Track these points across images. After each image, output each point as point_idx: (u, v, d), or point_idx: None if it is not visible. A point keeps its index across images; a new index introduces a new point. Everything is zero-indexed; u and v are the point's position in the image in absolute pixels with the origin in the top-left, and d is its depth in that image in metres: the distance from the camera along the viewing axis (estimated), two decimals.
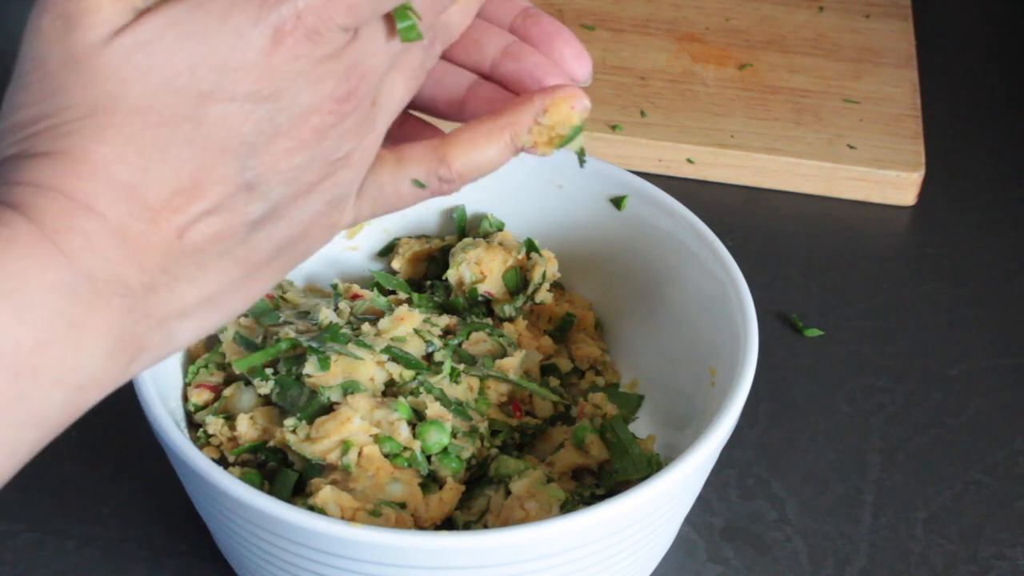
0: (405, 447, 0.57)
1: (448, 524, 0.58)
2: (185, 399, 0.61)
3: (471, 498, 0.58)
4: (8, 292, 0.38)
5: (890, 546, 0.65)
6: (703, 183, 0.85)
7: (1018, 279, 0.80)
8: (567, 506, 0.57)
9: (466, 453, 0.58)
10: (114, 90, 0.39)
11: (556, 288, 0.69)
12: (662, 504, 0.54)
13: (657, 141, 0.84)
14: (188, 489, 0.57)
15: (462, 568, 0.51)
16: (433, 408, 0.58)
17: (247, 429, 0.59)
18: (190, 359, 0.62)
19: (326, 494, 0.55)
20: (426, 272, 0.69)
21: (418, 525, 0.56)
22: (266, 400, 0.60)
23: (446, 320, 0.64)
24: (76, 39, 0.39)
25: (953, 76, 0.95)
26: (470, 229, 0.69)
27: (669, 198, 0.65)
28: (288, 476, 0.58)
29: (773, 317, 0.76)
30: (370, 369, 0.59)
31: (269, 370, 0.60)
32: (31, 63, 0.40)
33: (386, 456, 0.57)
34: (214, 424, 0.59)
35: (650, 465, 0.59)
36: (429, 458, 0.58)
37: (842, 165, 0.84)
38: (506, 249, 0.67)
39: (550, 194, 0.68)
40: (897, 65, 0.92)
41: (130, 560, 0.62)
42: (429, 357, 0.61)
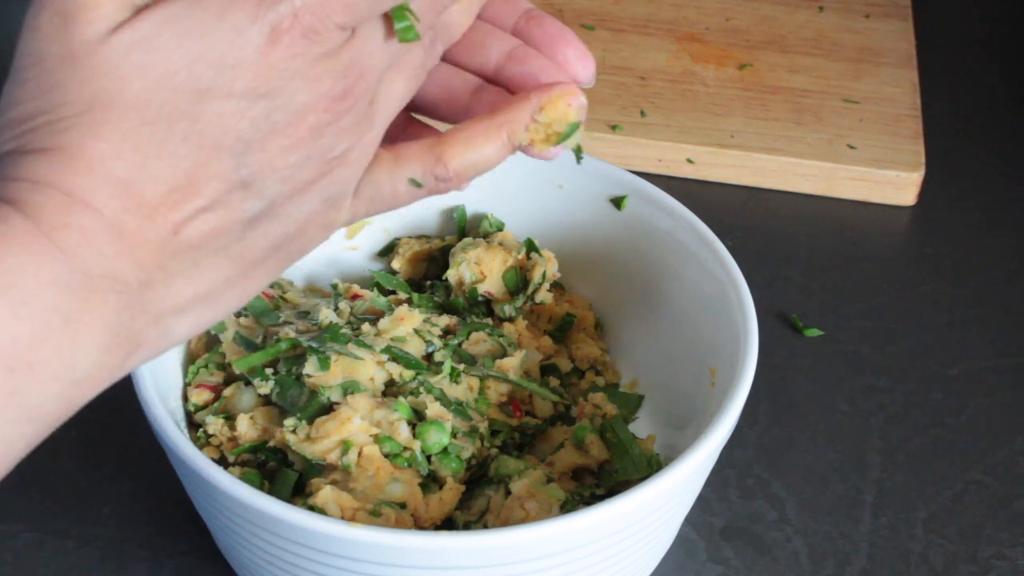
0: (405, 447, 0.57)
1: (448, 524, 0.58)
2: (185, 399, 0.61)
3: (471, 498, 0.58)
4: (5, 288, 0.38)
5: (890, 546, 0.65)
6: (703, 183, 0.85)
7: (1018, 279, 0.80)
8: (567, 506, 0.57)
9: (466, 453, 0.58)
10: (111, 86, 0.39)
11: (556, 288, 0.69)
12: (662, 504, 0.54)
13: (657, 141, 0.84)
14: (188, 489, 0.57)
15: (462, 568, 0.51)
16: (433, 408, 0.58)
17: (247, 429, 0.59)
18: (190, 359, 0.62)
19: (326, 494, 0.55)
20: (426, 272, 0.69)
21: (418, 525, 0.56)
22: (266, 400, 0.60)
23: (446, 320, 0.64)
24: (74, 35, 0.39)
25: (953, 76, 0.95)
26: (470, 229, 0.69)
27: (669, 198, 0.65)
28: (288, 476, 0.58)
29: (773, 317, 0.76)
30: (370, 369, 0.59)
31: (269, 370, 0.60)
32: (28, 59, 0.40)
33: (386, 456, 0.57)
34: (214, 424, 0.59)
35: (650, 465, 0.59)
36: (429, 458, 0.58)
37: (842, 165, 0.84)
38: (506, 249, 0.67)
39: (550, 194, 0.68)
40: (897, 65, 0.92)
41: (130, 560, 0.62)
42: (429, 357, 0.61)
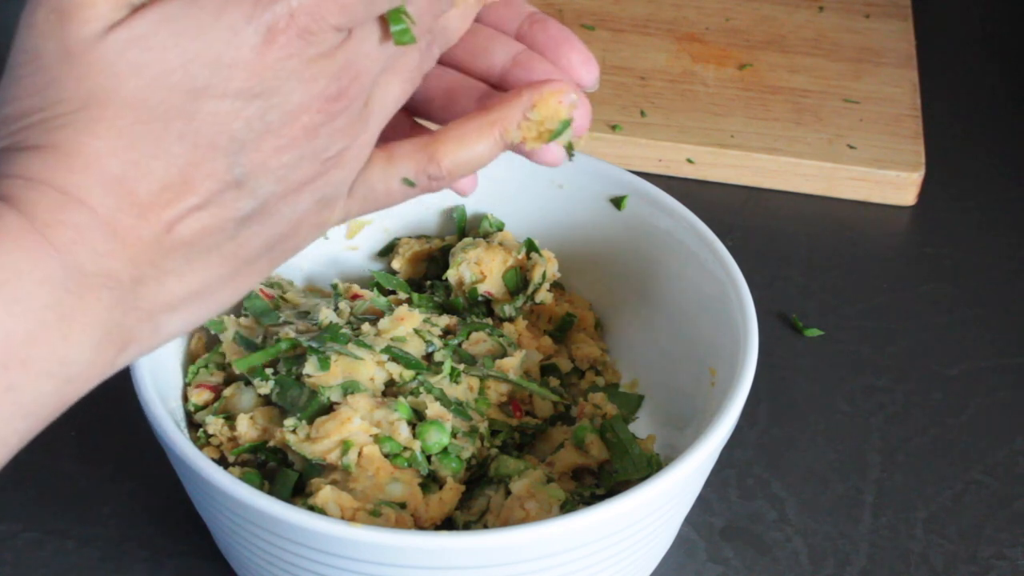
0: (405, 447, 0.57)
1: (448, 524, 0.58)
2: (185, 399, 0.61)
3: (471, 498, 0.58)
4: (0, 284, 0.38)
5: (890, 546, 0.65)
6: (703, 183, 0.85)
7: (1018, 279, 0.80)
8: (567, 506, 0.57)
9: (466, 453, 0.58)
10: (107, 84, 0.39)
11: (556, 288, 0.69)
12: (662, 504, 0.54)
13: (657, 141, 0.84)
14: (188, 489, 0.57)
15: (462, 568, 0.51)
16: (433, 408, 0.58)
17: (247, 429, 0.59)
18: (190, 359, 0.62)
19: (326, 494, 0.55)
20: (426, 272, 0.69)
21: (418, 525, 0.56)
22: (266, 400, 0.60)
23: (446, 320, 0.64)
24: (70, 33, 0.39)
25: (953, 76, 0.95)
26: (470, 229, 0.69)
27: (669, 198, 0.65)
28: (288, 476, 0.58)
29: (773, 317, 0.76)
30: (370, 369, 0.59)
31: (269, 370, 0.60)
32: (24, 56, 0.40)
33: (386, 456, 0.57)
34: (214, 424, 0.59)
35: (650, 465, 0.59)
36: (429, 458, 0.58)
37: (842, 165, 0.84)
38: (506, 249, 0.67)
39: (550, 194, 0.68)
40: (897, 65, 0.92)
41: (130, 560, 0.62)
42: (429, 357, 0.61)
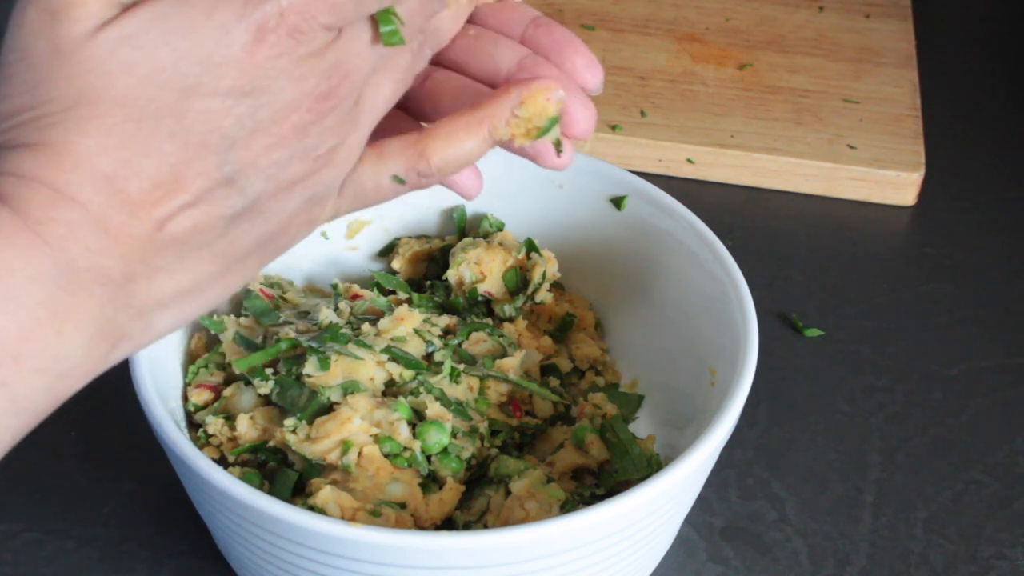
0: (405, 447, 0.57)
1: (448, 524, 0.58)
2: (185, 399, 0.61)
3: (471, 498, 0.58)
4: None
5: (890, 546, 0.65)
6: (703, 183, 0.85)
7: (1018, 279, 0.80)
8: (567, 506, 0.57)
9: (466, 453, 0.58)
10: (98, 83, 0.39)
11: (556, 288, 0.69)
12: (662, 504, 0.54)
13: (657, 141, 0.84)
14: (188, 489, 0.57)
15: (462, 568, 0.51)
16: (433, 408, 0.58)
17: (247, 429, 0.59)
18: (190, 359, 0.62)
19: (326, 494, 0.55)
20: (426, 272, 0.69)
21: (418, 525, 0.56)
22: (266, 400, 0.60)
23: (446, 320, 0.64)
24: (61, 32, 0.40)
25: (953, 76, 0.95)
26: (470, 229, 0.69)
27: (669, 198, 0.65)
28: (288, 476, 0.58)
29: (773, 317, 0.76)
30: (370, 369, 0.59)
31: (269, 370, 0.60)
32: (15, 54, 0.40)
33: (386, 456, 0.57)
34: (214, 424, 0.59)
35: (650, 465, 0.59)
36: (429, 458, 0.58)
37: (842, 165, 0.84)
38: (506, 249, 0.67)
39: (550, 194, 0.68)
40: (897, 65, 0.92)
41: (130, 560, 0.62)
42: (429, 357, 0.61)
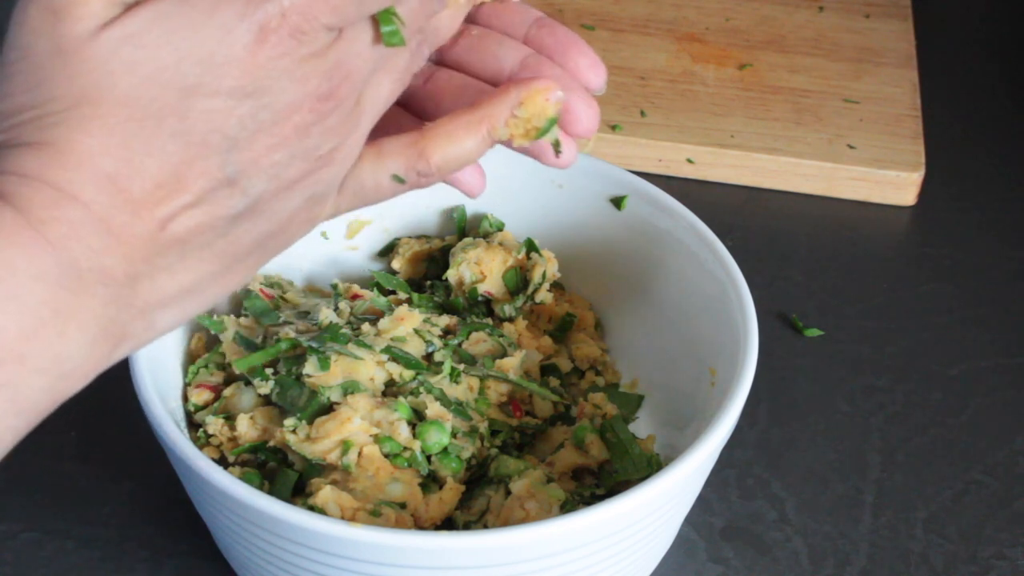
0: (405, 447, 0.57)
1: (448, 524, 0.58)
2: (185, 399, 0.61)
3: (471, 498, 0.58)
4: None
5: (890, 546, 0.65)
6: (703, 183, 0.85)
7: (1018, 279, 0.80)
8: (567, 506, 0.57)
9: (466, 453, 0.58)
10: (100, 82, 0.39)
11: (556, 288, 0.69)
12: (662, 504, 0.54)
13: (657, 141, 0.84)
14: (188, 489, 0.57)
15: (462, 568, 0.51)
16: (433, 408, 0.58)
17: (247, 429, 0.59)
18: (190, 359, 0.62)
19: (326, 494, 0.55)
20: (426, 272, 0.69)
21: (418, 525, 0.56)
22: (266, 400, 0.60)
23: (446, 320, 0.64)
24: (64, 31, 0.40)
25: (953, 76, 0.95)
26: (470, 229, 0.69)
27: (669, 198, 0.65)
28: (288, 476, 0.58)
29: (773, 317, 0.76)
30: (370, 369, 0.59)
31: (269, 370, 0.60)
32: (17, 53, 0.40)
33: (386, 456, 0.57)
34: (214, 424, 0.59)
35: (650, 465, 0.59)
36: (429, 458, 0.58)
37: (842, 165, 0.84)
38: (506, 249, 0.67)
39: (550, 194, 0.68)
40: (897, 65, 0.92)
41: (130, 560, 0.62)
42: (429, 357, 0.61)
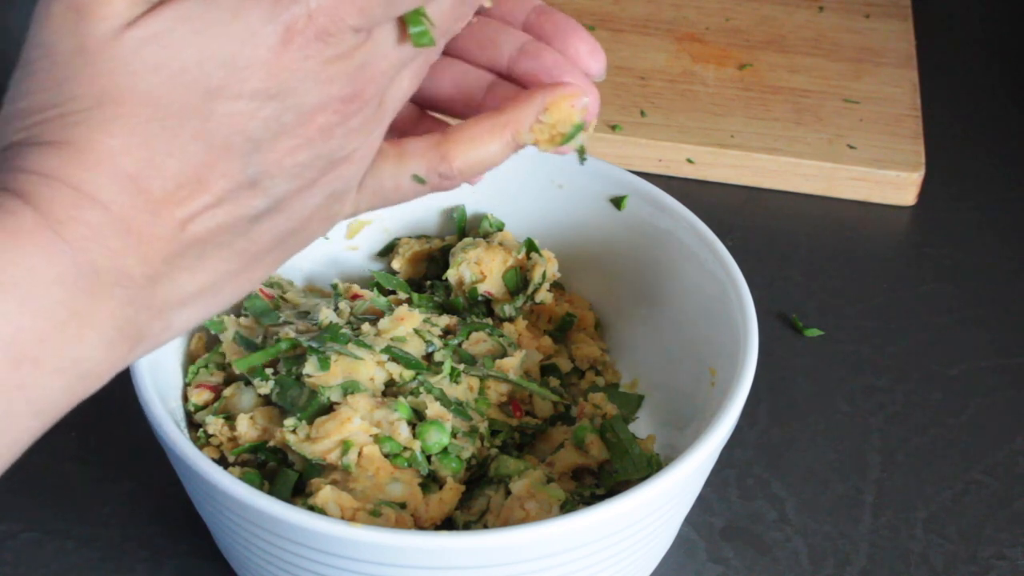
0: (405, 447, 0.57)
1: (448, 524, 0.58)
2: (185, 399, 0.61)
3: (471, 498, 0.58)
4: (12, 282, 0.38)
5: (890, 546, 0.65)
6: (703, 183, 0.85)
7: (1018, 279, 0.80)
8: (567, 506, 0.57)
9: (466, 453, 0.58)
10: (123, 82, 0.39)
11: (556, 288, 0.69)
12: (662, 504, 0.54)
13: (657, 141, 0.84)
14: (188, 489, 0.57)
15: (462, 568, 0.51)
16: (433, 408, 0.58)
17: (247, 429, 0.59)
18: (190, 359, 0.62)
19: (326, 494, 0.55)
20: (426, 272, 0.69)
21: (418, 525, 0.56)
22: (266, 400, 0.60)
23: (446, 320, 0.64)
24: (87, 30, 0.39)
25: (953, 76, 0.95)
26: (470, 229, 0.69)
27: (669, 198, 0.65)
28: (288, 476, 0.58)
29: (773, 317, 0.76)
30: (370, 369, 0.59)
31: (269, 370, 0.60)
32: (39, 51, 0.40)
33: (386, 456, 0.57)
34: (214, 424, 0.59)
35: (650, 465, 0.59)
36: (429, 458, 0.58)
37: (842, 165, 0.84)
38: (506, 249, 0.67)
39: (550, 194, 0.68)
40: (897, 65, 0.92)
41: (130, 560, 0.62)
42: (429, 357, 0.61)
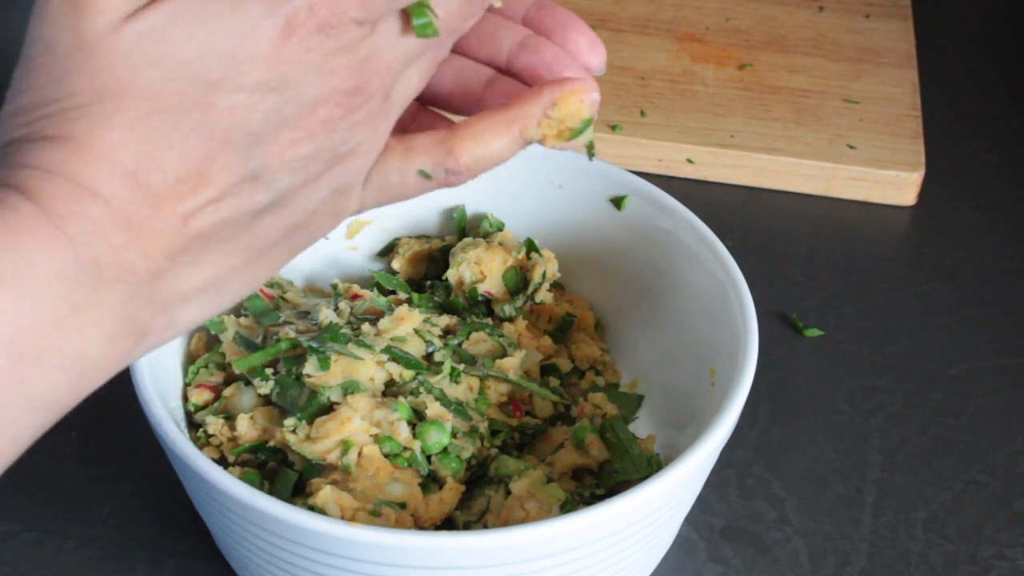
0: (405, 447, 0.57)
1: (448, 524, 0.58)
2: (185, 399, 0.61)
3: (471, 498, 0.58)
4: (14, 277, 0.38)
5: (890, 546, 0.65)
6: (703, 183, 0.85)
7: (1018, 279, 0.80)
8: (567, 506, 0.57)
9: (466, 453, 0.58)
10: (123, 76, 0.39)
11: (556, 288, 0.69)
12: (662, 504, 0.54)
13: (657, 141, 0.84)
14: (188, 489, 0.57)
15: (462, 568, 0.51)
16: (433, 408, 0.58)
17: (247, 429, 0.59)
18: (190, 359, 0.62)
19: (326, 494, 0.55)
20: (426, 272, 0.69)
21: (418, 525, 0.56)
22: (266, 400, 0.60)
23: (446, 320, 0.64)
24: (86, 24, 0.39)
25: (953, 76, 0.95)
26: (470, 229, 0.69)
27: (669, 198, 0.65)
28: (288, 476, 0.58)
29: (773, 317, 0.76)
30: (370, 369, 0.59)
31: (269, 370, 0.60)
32: (38, 46, 0.40)
33: (386, 456, 0.57)
34: (214, 424, 0.59)
35: (650, 465, 0.59)
36: (429, 458, 0.58)
37: (842, 165, 0.84)
38: (506, 249, 0.67)
39: (550, 194, 0.68)
40: (897, 65, 0.92)
41: (130, 560, 0.62)
42: (429, 357, 0.61)
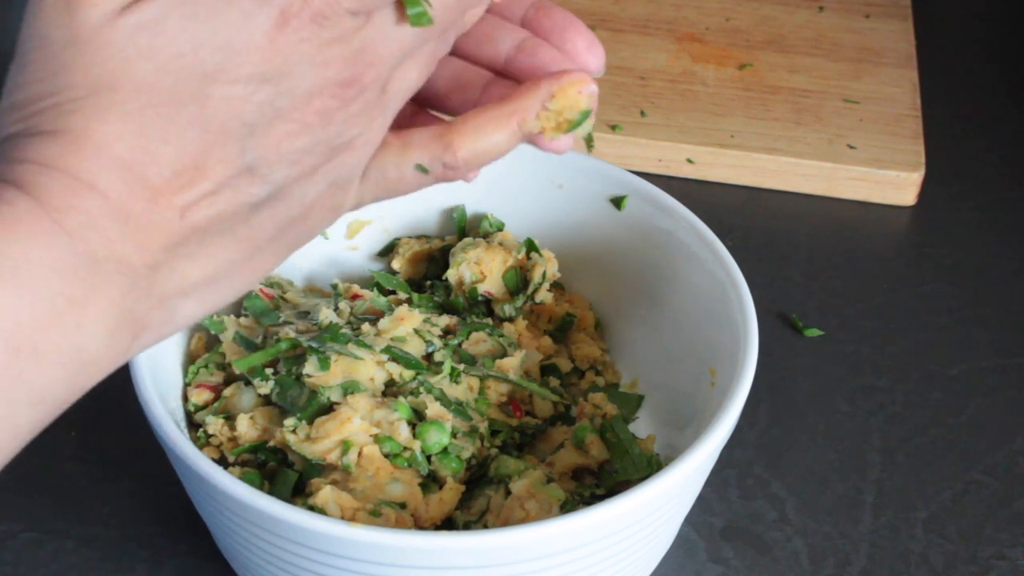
0: (405, 447, 0.57)
1: (448, 524, 0.58)
2: (185, 399, 0.61)
3: (471, 498, 0.58)
4: (10, 270, 0.38)
5: (890, 546, 0.65)
6: (703, 183, 0.85)
7: (1018, 279, 0.80)
8: (567, 506, 0.57)
9: (466, 453, 0.58)
10: (117, 69, 0.39)
11: (556, 288, 0.69)
12: (662, 504, 0.54)
13: (657, 141, 0.84)
14: (188, 489, 0.57)
15: (462, 568, 0.51)
16: (433, 408, 0.58)
17: (247, 429, 0.59)
18: (190, 359, 0.62)
19: (326, 494, 0.55)
20: (426, 272, 0.69)
21: (418, 525, 0.56)
22: (266, 400, 0.60)
23: (446, 320, 0.64)
24: (79, 18, 0.39)
25: (953, 76, 0.95)
26: (470, 229, 0.69)
27: (669, 198, 0.65)
28: (288, 476, 0.58)
29: (773, 317, 0.76)
30: (370, 369, 0.59)
31: (269, 370, 0.60)
32: (33, 42, 0.40)
33: (386, 456, 0.57)
34: (214, 424, 0.59)
35: (650, 465, 0.59)
36: (429, 458, 0.58)
37: (842, 165, 0.84)
38: (506, 249, 0.67)
39: (550, 194, 0.68)
40: (897, 65, 0.92)
41: (130, 560, 0.62)
42: (429, 357, 0.61)
